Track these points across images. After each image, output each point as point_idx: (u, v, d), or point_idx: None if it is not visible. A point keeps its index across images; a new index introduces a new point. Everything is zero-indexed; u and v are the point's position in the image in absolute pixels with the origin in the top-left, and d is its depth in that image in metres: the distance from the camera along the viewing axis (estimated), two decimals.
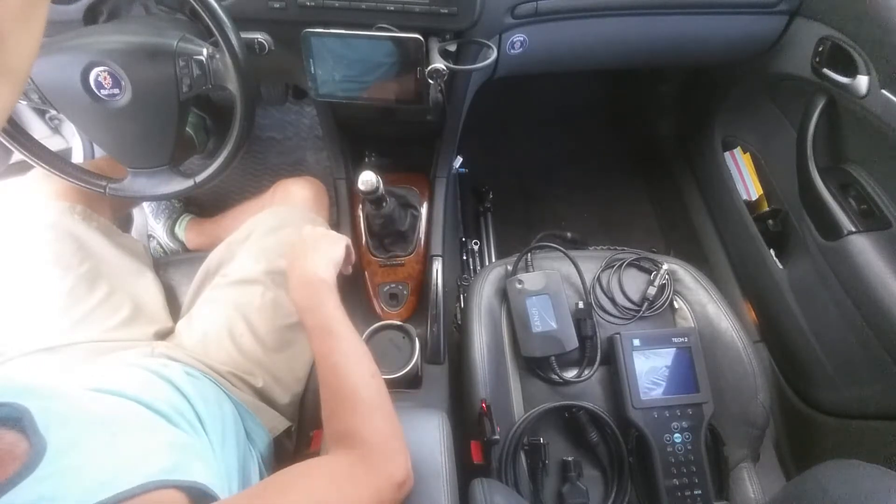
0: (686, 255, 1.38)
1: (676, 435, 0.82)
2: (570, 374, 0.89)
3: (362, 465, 0.52)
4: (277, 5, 0.77)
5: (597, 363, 0.88)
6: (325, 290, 0.66)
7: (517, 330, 0.88)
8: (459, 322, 1.17)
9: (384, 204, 0.93)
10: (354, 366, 0.61)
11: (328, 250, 0.72)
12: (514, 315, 0.89)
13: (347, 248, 0.76)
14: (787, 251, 1.12)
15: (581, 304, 0.91)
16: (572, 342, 0.88)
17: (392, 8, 0.76)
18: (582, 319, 0.90)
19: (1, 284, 0.82)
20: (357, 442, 0.55)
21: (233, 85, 0.72)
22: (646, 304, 0.92)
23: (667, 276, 0.93)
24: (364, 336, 0.85)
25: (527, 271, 0.93)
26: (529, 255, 0.95)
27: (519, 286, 0.90)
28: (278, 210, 0.97)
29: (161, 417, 0.61)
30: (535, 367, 0.89)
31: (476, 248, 1.46)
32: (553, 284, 0.91)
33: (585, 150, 1.72)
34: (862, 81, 0.82)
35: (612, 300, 0.93)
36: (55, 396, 0.47)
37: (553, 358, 0.87)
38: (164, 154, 0.79)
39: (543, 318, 0.89)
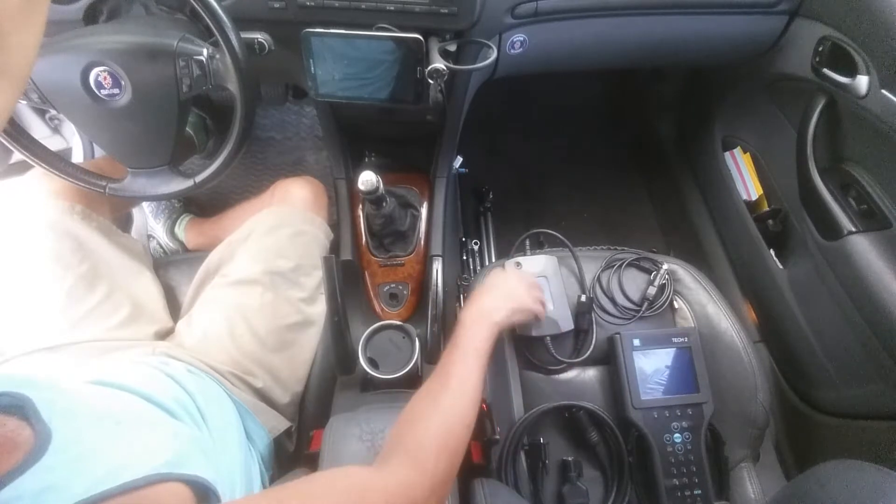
0: (686, 255, 1.38)
1: (676, 435, 0.82)
2: (564, 367, 0.90)
3: (403, 494, 0.49)
4: (277, 5, 0.77)
5: (590, 349, 0.89)
6: (491, 329, 0.71)
7: None
8: None
9: (384, 204, 0.93)
10: (463, 400, 0.61)
11: (517, 299, 0.77)
12: None
13: (541, 303, 0.81)
14: (787, 251, 1.12)
15: (583, 298, 0.91)
16: (568, 324, 0.89)
17: (392, 8, 0.76)
18: (582, 313, 0.91)
19: (0, 284, 0.82)
20: (415, 464, 0.52)
21: (233, 85, 0.72)
22: (646, 304, 0.92)
23: (667, 276, 0.94)
24: (364, 336, 0.85)
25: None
26: (528, 248, 0.96)
27: (517, 269, 0.91)
28: (278, 210, 0.97)
29: (163, 411, 0.61)
30: (531, 352, 0.90)
31: (476, 248, 1.46)
32: (551, 268, 0.92)
33: (585, 150, 1.72)
34: (862, 81, 0.82)
35: (612, 300, 0.93)
36: (56, 388, 0.47)
37: (548, 339, 0.88)
38: (164, 154, 0.79)
39: None
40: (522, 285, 0.81)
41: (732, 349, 0.87)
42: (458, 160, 1.20)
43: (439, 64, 0.75)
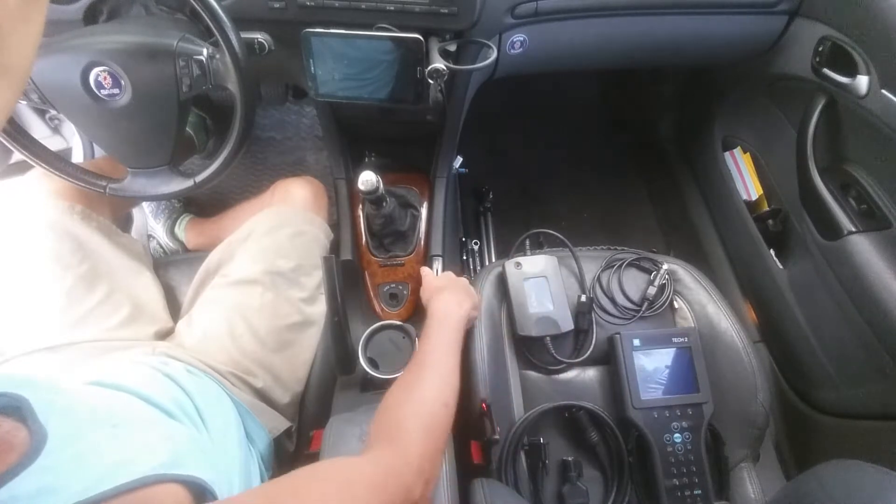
0: (686, 255, 1.38)
1: (676, 435, 0.82)
2: (564, 367, 0.90)
3: (386, 474, 0.50)
4: (277, 5, 0.77)
5: (590, 349, 0.89)
6: (462, 320, 0.77)
7: (514, 310, 0.89)
8: None
9: (384, 204, 0.93)
10: (439, 383, 0.64)
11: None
12: (511, 296, 0.90)
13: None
14: (787, 251, 1.12)
15: (583, 298, 0.91)
16: (568, 324, 0.89)
17: (392, 8, 0.76)
18: (582, 313, 0.91)
19: (0, 284, 0.82)
20: (396, 447, 0.54)
21: (233, 85, 0.72)
22: (646, 304, 0.92)
23: (667, 276, 0.94)
24: (364, 336, 0.85)
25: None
26: (528, 248, 0.96)
27: (517, 269, 0.91)
28: (278, 210, 0.97)
29: (161, 412, 0.61)
30: (531, 352, 0.90)
31: (476, 248, 1.46)
32: (551, 269, 0.93)
33: (585, 151, 1.72)
34: (862, 81, 0.82)
35: (612, 300, 0.93)
36: (55, 388, 0.47)
37: (548, 339, 0.88)
38: (164, 154, 0.79)
39: (540, 300, 0.90)
40: (467, 284, 0.88)
41: (732, 349, 0.87)
42: (458, 160, 1.20)
43: (439, 64, 0.75)
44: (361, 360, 0.82)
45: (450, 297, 0.79)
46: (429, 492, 0.55)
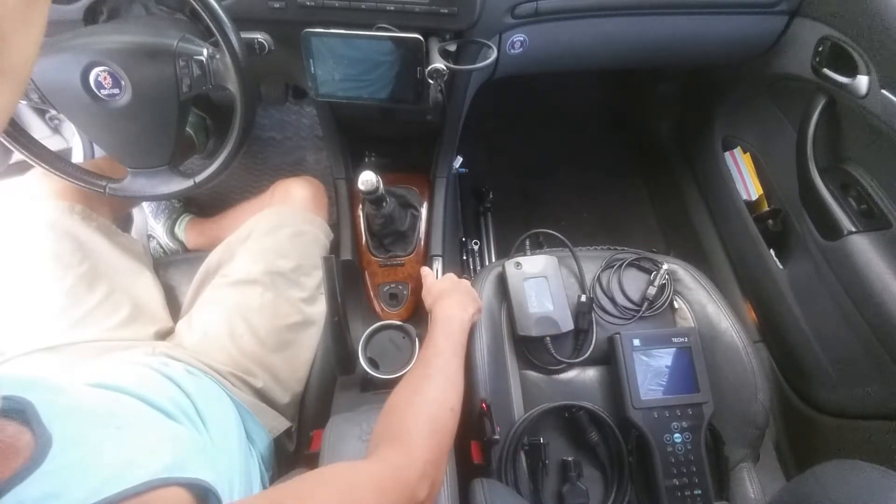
0: (686, 255, 1.38)
1: (676, 435, 0.82)
2: (564, 367, 0.90)
3: (391, 477, 0.50)
4: (277, 5, 0.77)
5: (590, 350, 0.89)
6: (466, 324, 0.78)
7: (514, 310, 0.89)
8: None
9: (384, 204, 0.93)
10: (446, 387, 0.64)
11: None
12: (511, 296, 0.90)
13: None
14: (787, 251, 1.12)
15: (584, 298, 0.91)
16: (568, 324, 0.89)
17: (392, 8, 0.76)
18: (582, 313, 0.91)
19: (1, 284, 0.82)
20: (401, 448, 0.54)
21: (233, 85, 0.72)
22: (646, 304, 0.92)
23: (667, 276, 0.94)
24: (364, 336, 0.85)
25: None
26: (528, 248, 0.96)
27: (517, 269, 0.91)
28: (278, 210, 0.97)
29: (162, 414, 0.61)
30: (531, 352, 0.90)
31: (476, 248, 1.46)
32: (551, 269, 0.93)
33: (586, 150, 1.72)
34: (862, 81, 0.82)
35: (612, 300, 0.93)
36: (57, 390, 0.47)
37: (548, 339, 0.88)
38: (164, 154, 0.79)
39: (540, 300, 0.90)
40: (470, 287, 0.88)
41: (732, 349, 0.87)
42: (458, 160, 1.20)
43: (439, 64, 0.75)
44: (361, 360, 0.82)
45: (454, 301, 0.79)
46: (434, 495, 0.55)
